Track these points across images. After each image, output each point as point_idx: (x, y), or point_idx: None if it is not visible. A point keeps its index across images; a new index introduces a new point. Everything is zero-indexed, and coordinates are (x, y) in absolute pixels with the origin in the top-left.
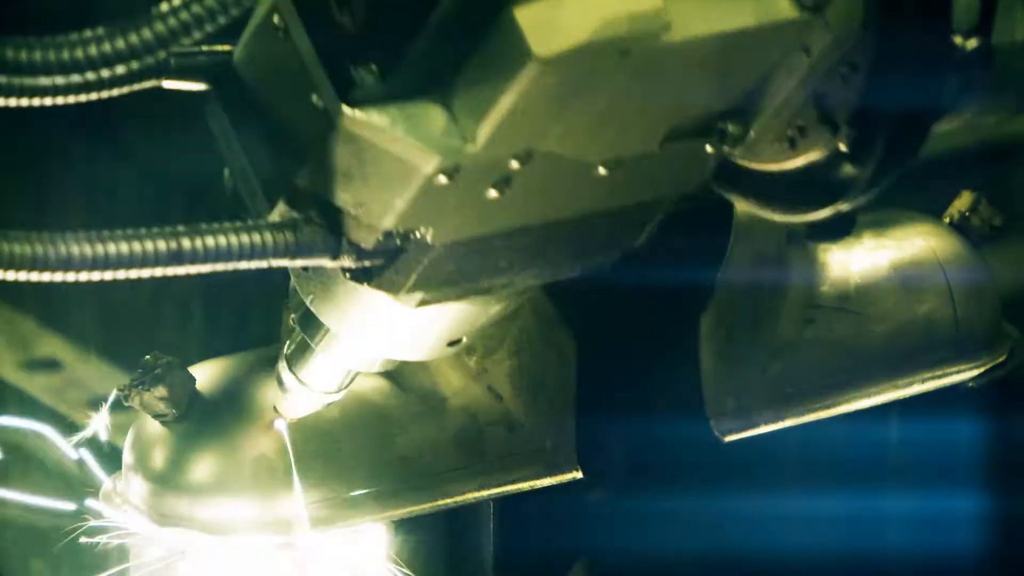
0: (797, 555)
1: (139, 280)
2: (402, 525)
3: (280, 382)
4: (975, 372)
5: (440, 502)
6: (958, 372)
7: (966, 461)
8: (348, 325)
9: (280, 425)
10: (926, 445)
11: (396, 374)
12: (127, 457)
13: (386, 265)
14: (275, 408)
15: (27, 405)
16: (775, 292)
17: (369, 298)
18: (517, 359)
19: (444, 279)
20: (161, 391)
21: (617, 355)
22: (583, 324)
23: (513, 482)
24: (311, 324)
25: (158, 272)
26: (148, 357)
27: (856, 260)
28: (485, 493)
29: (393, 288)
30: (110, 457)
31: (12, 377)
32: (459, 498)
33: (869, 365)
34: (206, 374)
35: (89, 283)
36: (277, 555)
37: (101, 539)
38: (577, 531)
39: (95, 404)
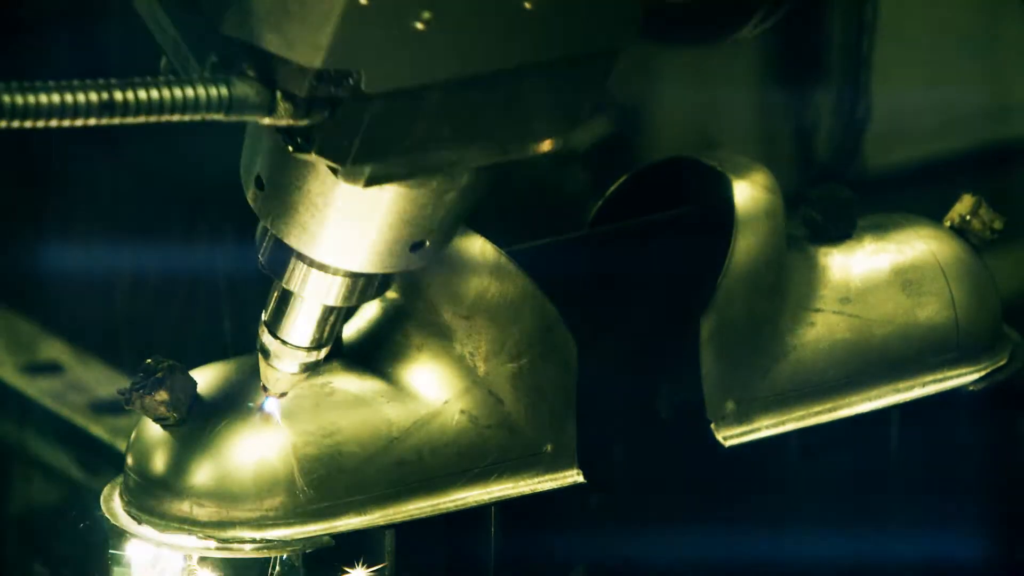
0: (799, 561)
1: (142, 283)
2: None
3: (263, 351)
4: (976, 375)
5: (441, 506)
6: (959, 375)
7: (967, 464)
8: (308, 231)
9: (271, 405)
10: (927, 449)
11: (397, 378)
12: (128, 461)
13: (326, 126)
14: (263, 388)
15: (28, 408)
16: (776, 295)
17: (321, 186)
18: (518, 363)
19: (388, 147)
20: (162, 395)
21: (618, 359)
22: (584, 328)
23: (514, 486)
24: (279, 257)
25: (91, 121)
26: (149, 361)
27: (857, 263)
28: (486, 497)
29: (339, 155)
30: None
31: (13, 380)
32: (460, 502)
33: (870, 368)
34: (207, 378)
35: (91, 286)
36: (279, 558)
37: (102, 543)
38: (577, 535)
39: (96, 408)
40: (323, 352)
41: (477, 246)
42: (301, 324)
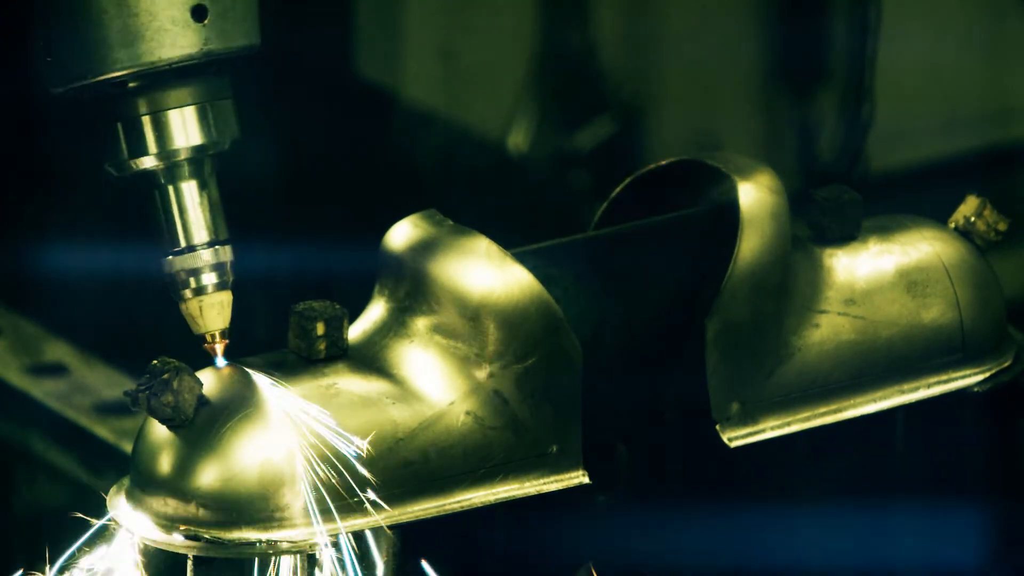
0: (803, 561)
1: (147, 284)
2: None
3: (178, 291)
4: (981, 377)
5: (447, 506)
6: (964, 377)
7: (972, 466)
8: (100, 45)
9: (220, 361)
10: (932, 450)
11: (403, 379)
12: (134, 462)
13: None
14: (204, 345)
15: (33, 410)
16: (781, 296)
17: None
18: (523, 364)
19: None
20: (168, 397)
21: (623, 360)
22: (589, 329)
23: (519, 487)
24: (121, 136)
25: None
26: (155, 362)
27: (862, 265)
28: (492, 497)
29: None
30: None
31: (18, 382)
32: (466, 502)
33: (875, 370)
34: (213, 379)
35: (96, 288)
36: (284, 558)
37: (108, 544)
38: (582, 536)
39: (101, 409)
40: (227, 252)
41: (482, 247)
42: (189, 215)
